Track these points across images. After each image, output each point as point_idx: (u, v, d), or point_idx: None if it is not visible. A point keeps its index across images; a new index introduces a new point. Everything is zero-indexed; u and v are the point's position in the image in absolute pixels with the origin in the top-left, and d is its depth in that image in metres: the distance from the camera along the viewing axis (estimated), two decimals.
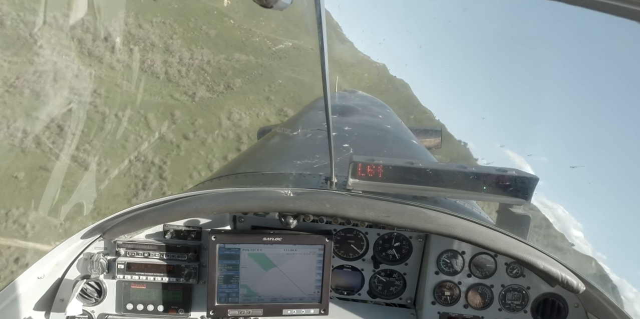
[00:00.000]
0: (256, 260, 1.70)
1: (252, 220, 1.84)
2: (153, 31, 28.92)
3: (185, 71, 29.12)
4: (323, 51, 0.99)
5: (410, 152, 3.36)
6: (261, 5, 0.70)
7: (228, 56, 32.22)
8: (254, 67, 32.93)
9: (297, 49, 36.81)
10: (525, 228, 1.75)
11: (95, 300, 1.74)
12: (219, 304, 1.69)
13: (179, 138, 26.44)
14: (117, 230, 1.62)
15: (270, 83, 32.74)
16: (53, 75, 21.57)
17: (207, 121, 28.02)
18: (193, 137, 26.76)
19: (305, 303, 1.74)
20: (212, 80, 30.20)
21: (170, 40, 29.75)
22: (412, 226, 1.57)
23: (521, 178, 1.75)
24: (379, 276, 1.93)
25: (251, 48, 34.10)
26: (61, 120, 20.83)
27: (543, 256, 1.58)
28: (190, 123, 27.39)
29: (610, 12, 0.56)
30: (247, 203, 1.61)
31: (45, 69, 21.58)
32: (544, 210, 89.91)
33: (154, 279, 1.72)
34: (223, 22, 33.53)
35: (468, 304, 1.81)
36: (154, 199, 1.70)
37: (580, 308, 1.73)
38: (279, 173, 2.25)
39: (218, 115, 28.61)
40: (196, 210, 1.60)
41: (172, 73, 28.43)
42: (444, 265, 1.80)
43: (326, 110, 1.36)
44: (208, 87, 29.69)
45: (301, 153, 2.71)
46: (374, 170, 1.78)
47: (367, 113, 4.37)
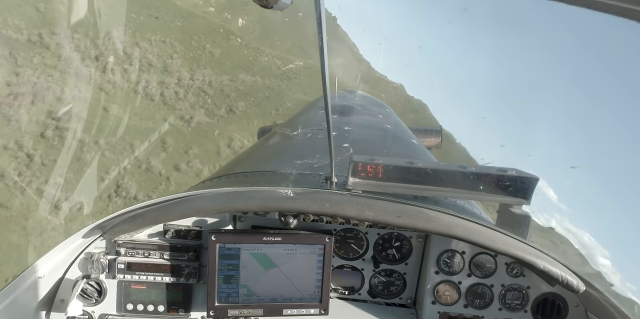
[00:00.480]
0: (256, 259, 1.70)
1: (252, 220, 1.84)
2: (151, 50, 26.16)
3: (184, 93, 26.00)
4: (323, 51, 0.99)
5: (410, 151, 3.36)
6: (261, 5, 0.70)
7: (232, 77, 29.29)
8: (261, 89, 29.90)
9: (309, 69, 33.70)
10: (526, 228, 1.75)
11: (95, 300, 1.74)
12: (219, 304, 1.69)
13: (169, 170, 22.55)
14: (118, 230, 1.62)
15: (277, 106, 29.52)
16: (31, 98, 18.74)
17: (203, 149, 24.56)
18: (186, 168, 23.00)
19: (306, 302, 1.74)
20: (212, 103, 27.21)
21: (170, 60, 26.88)
22: (412, 226, 1.57)
23: (521, 178, 1.75)
24: (379, 276, 1.93)
25: (259, 68, 31.07)
26: (32, 149, 17.73)
27: (543, 256, 1.58)
28: (184, 152, 23.76)
29: (610, 12, 0.56)
30: (247, 203, 1.61)
31: (23, 91, 18.84)
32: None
33: (154, 279, 1.72)
34: (229, 41, 30.70)
35: (468, 304, 1.81)
36: (154, 199, 1.71)
37: (580, 307, 1.73)
38: (279, 173, 2.25)
39: (217, 142, 25.35)
40: (196, 210, 1.60)
41: (168, 95, 25.26)
42: (444, 264, 1.80)
43: (326, 110, 1.37)
44: (207, 111, 26.51)
45: (301, 152, 2.71)
46: (374, 170, 1.79)
47: (367, 113, 4.38)
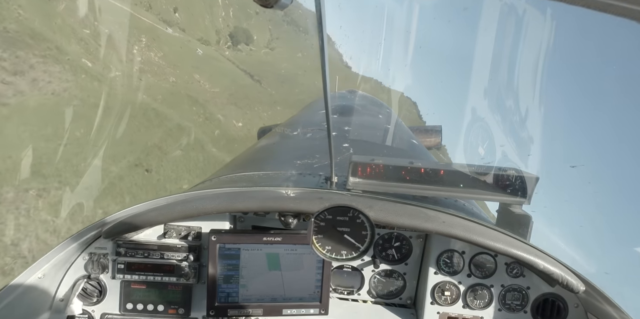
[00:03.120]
0: (256, 259, 1.70)
1: (252, 220, 1.84)
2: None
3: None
4: (323, 51, 0.99)
5: (410, 151, 3.37)
6: (261, 5, 0.70)
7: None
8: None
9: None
10: (526, 228, 1.75)
11: (95, 300, 1.74)
12: (219, 304, 1.69)
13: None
14: (118, 230, 1.62)
15: None
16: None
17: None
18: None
19: (305, 302, 1.74)
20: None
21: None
22: (412, 226, 1.57)
23: (521, 177, 1.75)
24: (379, 276, 1.93)
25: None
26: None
27: (543, 256, 1.58)
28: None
29: (610, 12, 0.56)
30: (247, 203, 1.61)
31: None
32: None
33: (154, 279, 1.72)
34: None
35: (468, 304, 1.81)
36: (154, 199, 1.71)
37: (580, 308, 1.73)
38: (279, 173, 2.25)
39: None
40: (196, 210, 1.60)
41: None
42: (443, 264, 1.80)
43: (326, 110, 1.37)
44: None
45: (301, 153, 2.71)
46: (373, 170, 1.79)
47: (367, 113, 4.39)
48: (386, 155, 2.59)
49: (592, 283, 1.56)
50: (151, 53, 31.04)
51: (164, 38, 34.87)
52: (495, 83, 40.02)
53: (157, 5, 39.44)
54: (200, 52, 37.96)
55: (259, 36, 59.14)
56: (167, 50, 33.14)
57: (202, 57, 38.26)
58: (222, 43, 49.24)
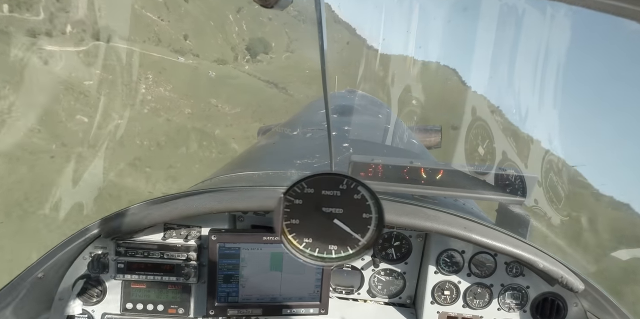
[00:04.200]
0: (256, 259, 1.70)
1: (252, 219, 1.84)
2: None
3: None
4: (323, 51, 0.99)
5: (410, 151, 3.37)
6: (261, 5, 0.70)
7: None
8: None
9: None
10: (525, 227, 1.75)
11: (95, 299, 1.74)
12: (218, 304, 1.69)
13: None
14: (118, 229, 1.62)
15: None
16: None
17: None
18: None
19: (305, 302, 1.74)
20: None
21: None
22: (412, 225, 1.57)
23: (520, 176, 1.75)
24: (379, 276, 1.93)
25: None
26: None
27: (543, 256, 1.58)
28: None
29: (610, 12, 0.57)
30: (247, 203, 1.61)
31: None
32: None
33: (153, 279, 1.72)
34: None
35: (467, 303, 1.82)
36: (154, 198, 1.71)
37: (579, 307, 1.73)
38: (279, 173, 2.25)
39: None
40: (196, 210, 1.60)
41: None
42: (443, 264, 1.81)
43: (326, 110, 1.36)
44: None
45: (301, 152, 2.71)
46: (373, 170, 1.79)
47: (367, 113, 4.39)
48: (386, 155, 2.59)
49: (592, 282, 1.56)
50: (160, 89, 30.59)
51: (171, 69, 34.13)
52: (495, 83, 40.04)
53: (165, 38, 38.59)
54: (212, 75, 37.26)
55: (276, 42, 58.86)
56: (177, 80, 32.39)
57: (215, 78, 37.59)
58: (240, 58, 48.92)
